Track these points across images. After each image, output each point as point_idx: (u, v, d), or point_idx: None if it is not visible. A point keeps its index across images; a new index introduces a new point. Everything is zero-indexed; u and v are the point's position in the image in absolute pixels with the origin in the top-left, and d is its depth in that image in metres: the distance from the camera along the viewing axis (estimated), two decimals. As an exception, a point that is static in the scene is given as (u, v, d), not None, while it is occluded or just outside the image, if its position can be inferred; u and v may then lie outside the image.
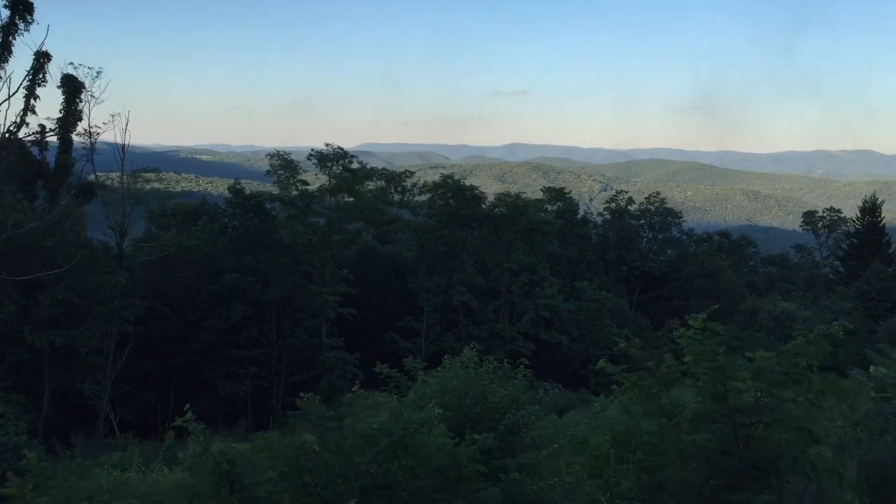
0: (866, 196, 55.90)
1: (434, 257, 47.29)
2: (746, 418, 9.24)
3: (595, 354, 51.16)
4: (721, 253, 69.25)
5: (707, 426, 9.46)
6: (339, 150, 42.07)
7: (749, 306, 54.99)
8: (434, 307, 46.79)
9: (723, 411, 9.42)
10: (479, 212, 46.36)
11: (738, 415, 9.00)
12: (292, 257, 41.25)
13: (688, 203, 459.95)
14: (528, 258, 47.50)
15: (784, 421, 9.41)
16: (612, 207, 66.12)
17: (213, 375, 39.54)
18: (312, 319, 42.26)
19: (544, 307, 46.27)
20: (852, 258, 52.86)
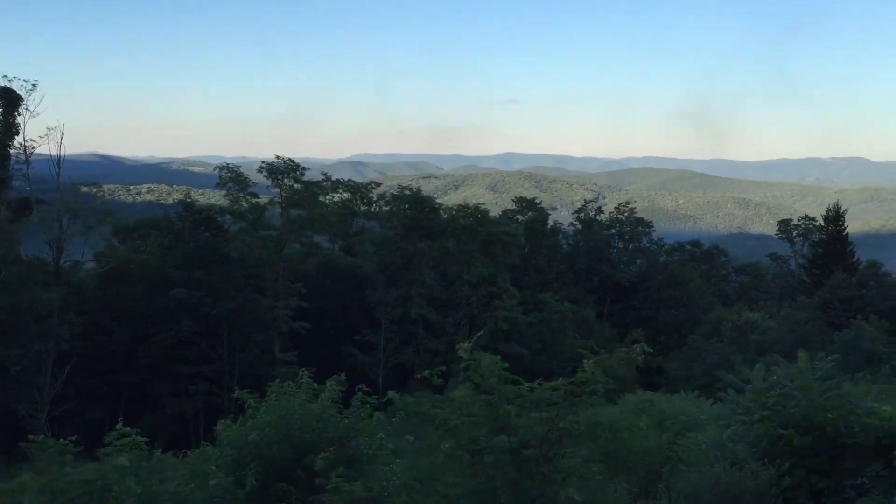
0: (829, 205, 55.69)
1: (393, 270, 46.81)
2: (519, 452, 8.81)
3: (559, 367, 50.69)
4: (692, 262, 68.95)
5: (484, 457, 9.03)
6: (290, 163, 41.63)
7: (715, 316, 54.69)
8: (392, 320, 46.27)
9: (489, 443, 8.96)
10: (438, 224, 45.92)
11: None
12: (244, 271, 40.73)
13: (679, 211, 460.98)
14: (488, 270, 47.07)
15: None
16: (582, 217, 65.76)
17: (161, 392, 38.91)
18: (264, 334, 41.70)
19: (503, 319, 45.81)
20: (816, 267, 52.58)
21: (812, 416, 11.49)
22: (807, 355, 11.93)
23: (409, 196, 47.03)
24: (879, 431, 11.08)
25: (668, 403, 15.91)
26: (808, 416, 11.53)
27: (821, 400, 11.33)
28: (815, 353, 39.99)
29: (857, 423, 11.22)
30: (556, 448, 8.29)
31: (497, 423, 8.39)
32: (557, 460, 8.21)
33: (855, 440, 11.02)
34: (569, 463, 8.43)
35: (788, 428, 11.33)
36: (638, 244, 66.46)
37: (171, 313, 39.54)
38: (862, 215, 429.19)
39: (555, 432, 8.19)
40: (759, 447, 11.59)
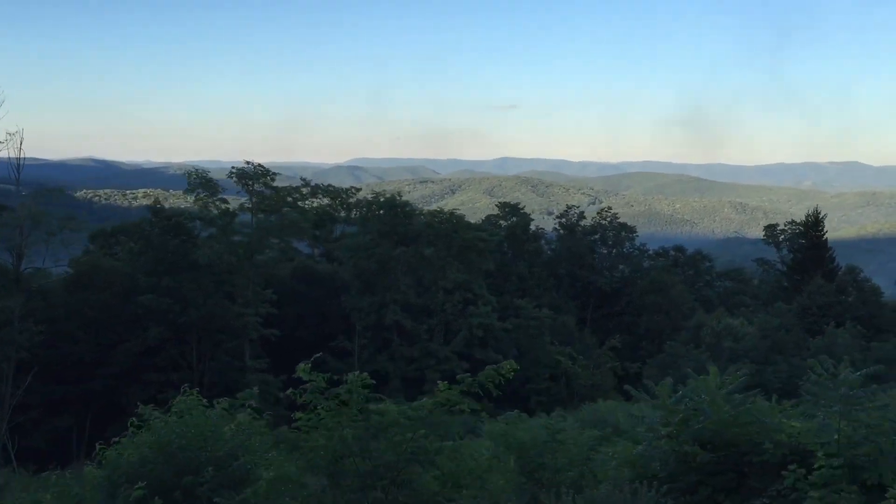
0: (808, 210, 55.42)
1: (368, 276, 46.49)
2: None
3: (535, 373, 50.40)
4: (676, 268, 68.65)
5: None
6: (260, 168, 41.35)
7: (695, 322, 54.38)
8: (367, 326, 45.94)
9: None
10: (413, 229, 45.62)
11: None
12: (214, 277, 40.40)
13: (676, 216, 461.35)
14: (463, 276, 46.76)
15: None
16: (564, 223, 65.48)
17: (129, 400, 38.46)
18: (235, 341, 41.35)
19: (478, 326, 45.49)
20: (796, 273, 52.32)
21: (721, 432, 11.19)
22: (716, 369, 11.61)
23: (383, 201, 46.74)
24: (786, 448, 10.78)
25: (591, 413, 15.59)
26: (717, 433, 11.22)
27: (728, 416, 11.02)
28: (789, 360, 39.31)
29: (768, 439, 10.93)
30: (408, 473, 7.98)
31: (341, 448, 8.08)
32: (411, 485, 7.90)
33: (762, 458, 10.72)
34: (427, 487, 8.13)
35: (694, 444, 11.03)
36: (621, 249, 66.16)
37: (140, 320, 39.20)
38: (859, 220, 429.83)
39: (405, 456, 7.88)
40: (668, 464, 11.28)
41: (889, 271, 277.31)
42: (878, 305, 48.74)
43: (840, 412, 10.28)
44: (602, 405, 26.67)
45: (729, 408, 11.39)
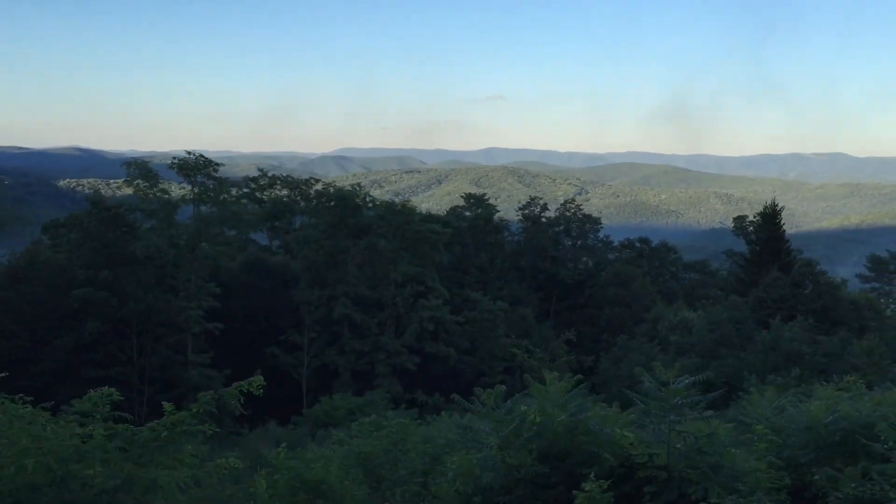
0: (766, 203, 55.10)
1: (318, 268, 45.75)
2: None
3: (490, 367, 49.93)
4: (641, 259, 68.28)
5: None
6: (202, 159, 40.44)
7: (654, 315, 54.06)
8: (316, 320, 45.24)
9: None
10: (363, 221, 44.85)
11: None
12: (155, 271, 39.52)
13: (662, 206, 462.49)
14: (415, 268, 46.10)
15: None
16: (527, 214, 64.88)
17: (65, 397, 37.65)
18: (177, 335, 40.54)
19: (428, 319, 44.88)
20: (753, 265, 52.02)
21: (555, 443, 10.62)
22: (553, 376, 11.02)
23: (333, 193, 45.93)
24: (619, 460, 10.23)
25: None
26: (551, 444, 10.66)
27: (560, 426, 10.45)
28: (736, 354, 38.86)
29: (606, 450, 10.37)
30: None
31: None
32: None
33: (588, 470, 10.17)
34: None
35: (526, 456, 10.47)
36: (585, 241, 65.69)
37: (77, 314, 38.31)
38: (842, 210, 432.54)
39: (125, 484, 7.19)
40: (500, 477, 10.73)
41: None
42: (834, 298, 48.51)
43: (670, 423, 9.75)
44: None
45: (565, 417, 10.80)
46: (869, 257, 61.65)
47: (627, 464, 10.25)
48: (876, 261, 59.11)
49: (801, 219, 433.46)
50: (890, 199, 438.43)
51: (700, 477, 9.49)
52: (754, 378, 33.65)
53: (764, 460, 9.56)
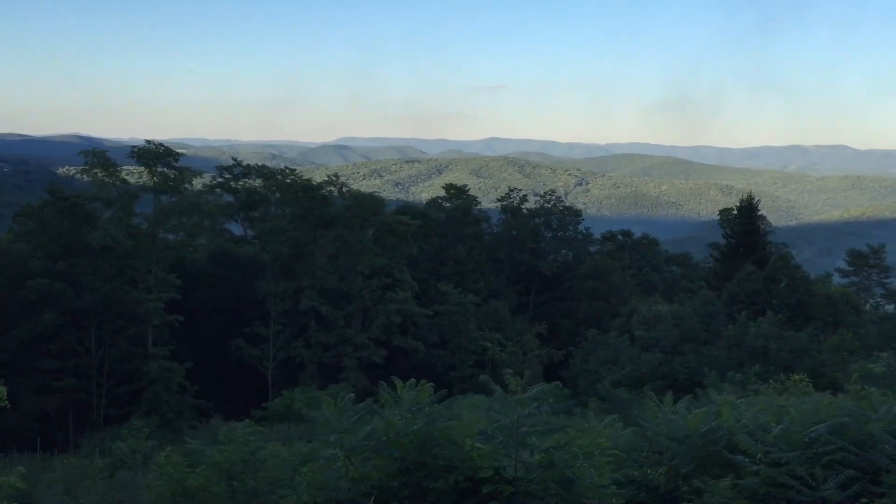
0: (743, 198, 54.31)
1: (284, 260, 45.20)
2: None
3: (460, 360, 49.42)
4: (622, 252, 67.65)
5: None
6: (161, 147, 39.78)
7: (629, 308, 53.48)
8: (282, 312, 44.72)
9: None
10: (329, 213, 44.21)
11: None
12: (114, 262, 38.96)
13: (662, 198, 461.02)
14: (382, 261, 45.50)
15: None
16: (506, 205, 64.17)
17: (20, 389, 37.17)
18: (137, 327, 40.04)
19: (396, 312, 44.33)
20: (730, 259, 51.35)
21: (406, 455, 10.05)
22: (402, 383, 10.44)
23: (299, 184, 45.26)
24: (465, 472, 9.67)
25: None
26: (404, 456, 10.09)
27: (407, 438, 9.87)
28: (699, 349, 38.17)
29: (459, 463, 9.81)
30: None
31: None
32: None
33: (435, 484, 9.61)
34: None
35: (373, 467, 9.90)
36: (565, 233, 65.01)
37: (33, 305, 37.79)
38: (843, 203, 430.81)
39: None
40: (349, 489, 10.19)
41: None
42: (809, 293, 47.83)
43: (517, 435, 9.18)
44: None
45: (418, 426, 10.21)
46: (848, 252, 60.94)
47: (474, 478, 9.69)
48: (855, 255, 58.39)
49: (802, 211, 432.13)
50: (891, 192, 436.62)
51: (546, 492, 8.93)
52: (714, 374, 33.15)
53: (607, 475, 9.01)
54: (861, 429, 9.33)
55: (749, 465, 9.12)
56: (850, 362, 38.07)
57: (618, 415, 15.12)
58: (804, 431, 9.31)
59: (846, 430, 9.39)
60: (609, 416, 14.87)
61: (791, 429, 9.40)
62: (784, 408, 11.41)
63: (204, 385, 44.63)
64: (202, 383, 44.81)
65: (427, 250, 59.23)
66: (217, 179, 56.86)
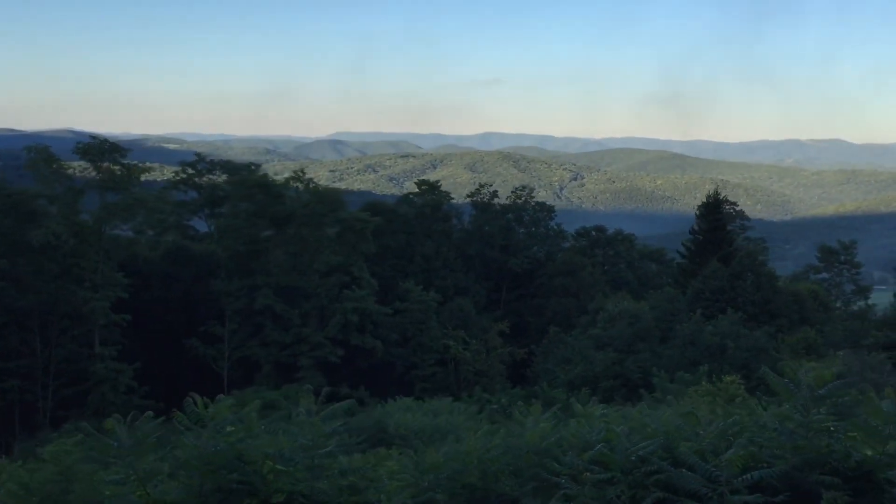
0: (710, 194, 53.54)
1: (240, 258, 44.42)
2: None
3: (421, 359, 48.71)
4: (595, 249, 66.90)
5: None
6: (107, 143, 38.91)
7: (596, 305, 52.79)
8: (237, 311, 43.94)
9: None
10: (284, 210, 43.39)
11: None
12: (58, 260, 38.14)
13: (657, 192, 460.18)
14: (339, 258, 44.72)
15: None
16: (476, 201, 63.34)
17: (-38, 389, 36.48)
18: (83, 327, 39.25)
19: (352, 310, 43.56)
20: (695, 255, 50.61)
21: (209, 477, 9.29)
22: (201, 400, 9.69)
23: (253, 180, 44.43)
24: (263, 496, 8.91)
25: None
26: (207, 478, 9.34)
27: (202, 458, 9.12)
28: (653, 348, 37.35)
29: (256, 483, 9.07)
30: None
31: None
32: None
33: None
34: None
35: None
36: (537, 230, 64.23)
37: (-27, 305, 37.01)
38: (839, 197, 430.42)
39: None
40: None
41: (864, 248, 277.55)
42: (774, 290, 47.13)
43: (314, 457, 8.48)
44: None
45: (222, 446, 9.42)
46: (819, 248, 60.23)
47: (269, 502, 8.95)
48: (826, 251, 57.68)
49: (797, 205, 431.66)
50: (886, 186, 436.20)
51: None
52: (663, 374, 32.44)
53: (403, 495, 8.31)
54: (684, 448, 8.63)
55: (568, 486, 8.40)
56: (811, 360, 37.47)
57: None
58: (631, 450, 8.57)
59: (671, 448, 8.69)
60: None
61: (619, 446, 8.66)
62: (615, 425, 10.63)
63: (157, 385, 43.89)
64: (155, 383, 44.06)
65: (394, 247, 58.48)
66: (181, 175, 55.92)
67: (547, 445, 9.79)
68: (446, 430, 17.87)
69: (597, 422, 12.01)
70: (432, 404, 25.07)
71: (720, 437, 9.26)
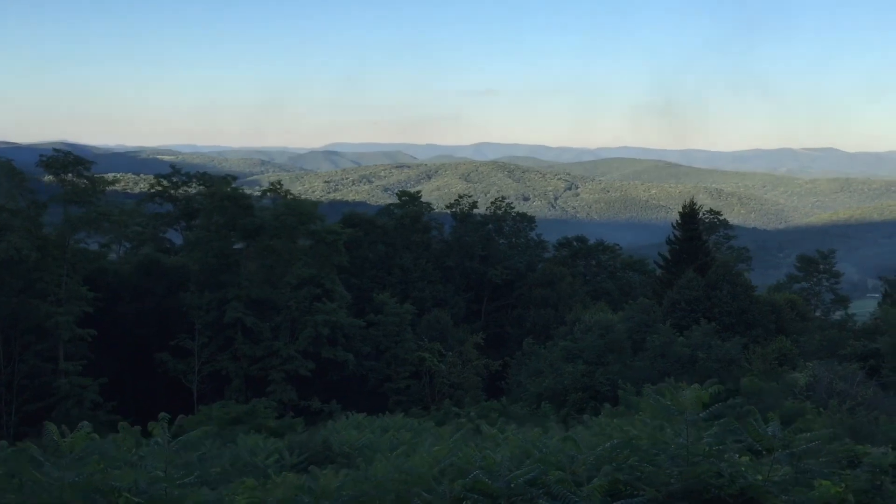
0: (686, 204, 53.29)
1: (211, 271, 44.00)
2: None
3: (395, 372, 48.24)
4: (576, 259, 66.59)
5: None
6: (71, 156, 38.57)
7: (573, 317, 52.43)
8: (207, 324, 43.47)
9: None
10: (253, 222, 43.01)
11: None
12: (21, 274, 37.67)
13: (652, 201, 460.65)
14: (311, 271, 44.32)
15: None
16: (455, 212, 63.02)
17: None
18: (47, 342, 38.74)
19: (323, 323, 43.11)
20: (672, 265, 50.32)
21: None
22: (56, 429, 9.24)
23: (223, 192, 44.06)
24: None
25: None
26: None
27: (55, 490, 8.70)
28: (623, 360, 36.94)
29: None
30: None
31: None
32: None
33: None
34: None
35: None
36: (517, 240, 63.92)
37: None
38: (832, 205, 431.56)
39: None
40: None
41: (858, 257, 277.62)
42: (750, 300, 46.78)
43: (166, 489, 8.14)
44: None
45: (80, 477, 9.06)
46: (798, 257, 60.00)
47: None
48: (805, 260, 57.44)
49: (791, 214, 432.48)
50: (879, 194, 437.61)
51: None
52: (629, 386, 32.02)
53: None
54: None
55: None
56: (784, 372, 37.09)
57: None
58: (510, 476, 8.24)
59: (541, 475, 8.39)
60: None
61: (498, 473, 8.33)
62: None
63: (126, 401, 43.35)
64: (125, 399, 43.54)
65: (372, 258, 58.11)
66: (156, 187, 55.62)
67: (436, 471, 9.42)
68: (393, 446, 17.48)
69: (501, 444, 11.60)
70: (384, 420, 24.65)
71: (596, 463, 8.87)
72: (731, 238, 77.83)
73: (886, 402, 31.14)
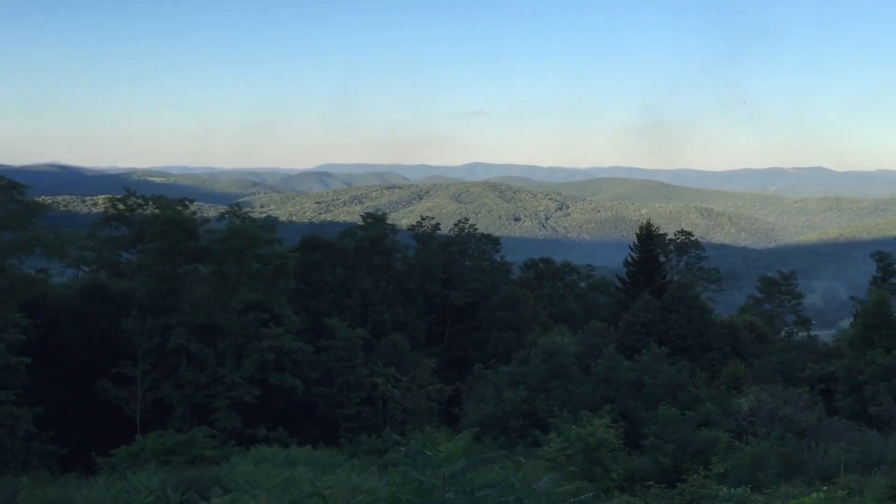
0: (642, 225, 52.87)
1: (155, 296, 43.15)
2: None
3: (347, 398, 47.26)
4: (542, 281, 65.96)
5: None
6: (3, 180, 37.88)
7: (531, 340, 51.70)
8: (150, 351, 42.50)
9: None
10: (197, 246, 42.25)
11: None
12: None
13: (643, 221, 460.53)
14: (258, 295, 43.51)
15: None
16: (418, 234, 62.41)
17: None
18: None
19: (269, 349, 42.21)
20: (630, 287, 49.76)
21: None
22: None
23: (166, 216, 43.35)
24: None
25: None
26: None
27: None
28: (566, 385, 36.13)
29: None
30: None
31: None
32: None
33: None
34: None
35: None
36: (481, 262, 63.29)
37: None
38: (821, 224, 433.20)
39: None
40: None
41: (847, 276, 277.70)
42: (706, 323, 46.20)
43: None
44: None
45: None
46: (760, 278, 59.48)
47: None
48: (767, 282, 56.89)
49: (781, 233, 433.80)
50: (868, 213, 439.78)
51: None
52: (565, 413, 31.25)
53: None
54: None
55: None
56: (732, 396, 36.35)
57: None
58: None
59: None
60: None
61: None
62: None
63: (66, 431, 42.23)
64: (64, 428, 42.41)
65: (331, 282, 57.35)
66: (110, 210, 54.90)
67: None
68: (292, 483, 16.78)
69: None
70: (294, 452, 23.85)
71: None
72: (703, 259, 77.31)
73: (831, 427, 30.37)
